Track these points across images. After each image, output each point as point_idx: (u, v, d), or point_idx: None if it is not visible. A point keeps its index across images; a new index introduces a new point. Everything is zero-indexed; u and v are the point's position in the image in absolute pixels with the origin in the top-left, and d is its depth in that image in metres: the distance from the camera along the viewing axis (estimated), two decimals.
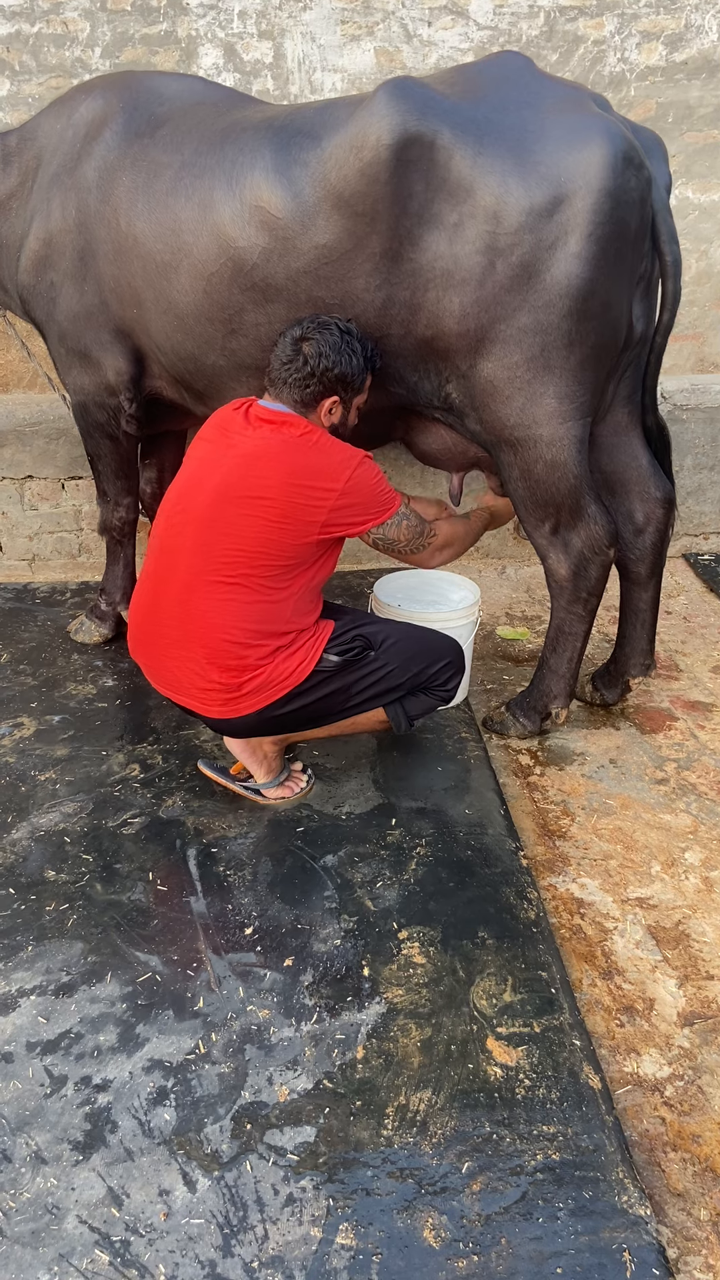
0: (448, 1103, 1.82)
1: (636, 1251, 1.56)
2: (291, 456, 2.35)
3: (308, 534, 2.38)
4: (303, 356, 2.40)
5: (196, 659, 2.44)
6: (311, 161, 2.49)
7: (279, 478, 2.33)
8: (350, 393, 2.49)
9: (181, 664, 2.48)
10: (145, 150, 2.79)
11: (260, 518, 2.34)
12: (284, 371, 2.43)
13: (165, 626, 2.48)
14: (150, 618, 2.52)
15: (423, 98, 2.41)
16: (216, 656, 2.42)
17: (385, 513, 2.47)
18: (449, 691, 2.69)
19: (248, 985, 2.09)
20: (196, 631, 2.42)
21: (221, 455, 2.41)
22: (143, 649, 2.59)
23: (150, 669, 2.60)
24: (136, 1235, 1.60)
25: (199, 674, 2.46)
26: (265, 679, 2.43)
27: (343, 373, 2.42)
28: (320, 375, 2.40)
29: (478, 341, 2.55)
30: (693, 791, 2.79)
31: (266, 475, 2.34)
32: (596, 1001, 2.11)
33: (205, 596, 2.41)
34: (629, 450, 2.86)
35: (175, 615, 2.45)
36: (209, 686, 2.46)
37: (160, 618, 2.49)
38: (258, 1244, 1.58)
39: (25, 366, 4.33)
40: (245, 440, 2.39)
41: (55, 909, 2.31)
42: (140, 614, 2.57)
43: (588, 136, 2.36)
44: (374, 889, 2.37)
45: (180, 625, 2.45)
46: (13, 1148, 1.75)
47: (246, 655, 2.41)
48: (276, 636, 2.44)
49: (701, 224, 4.21)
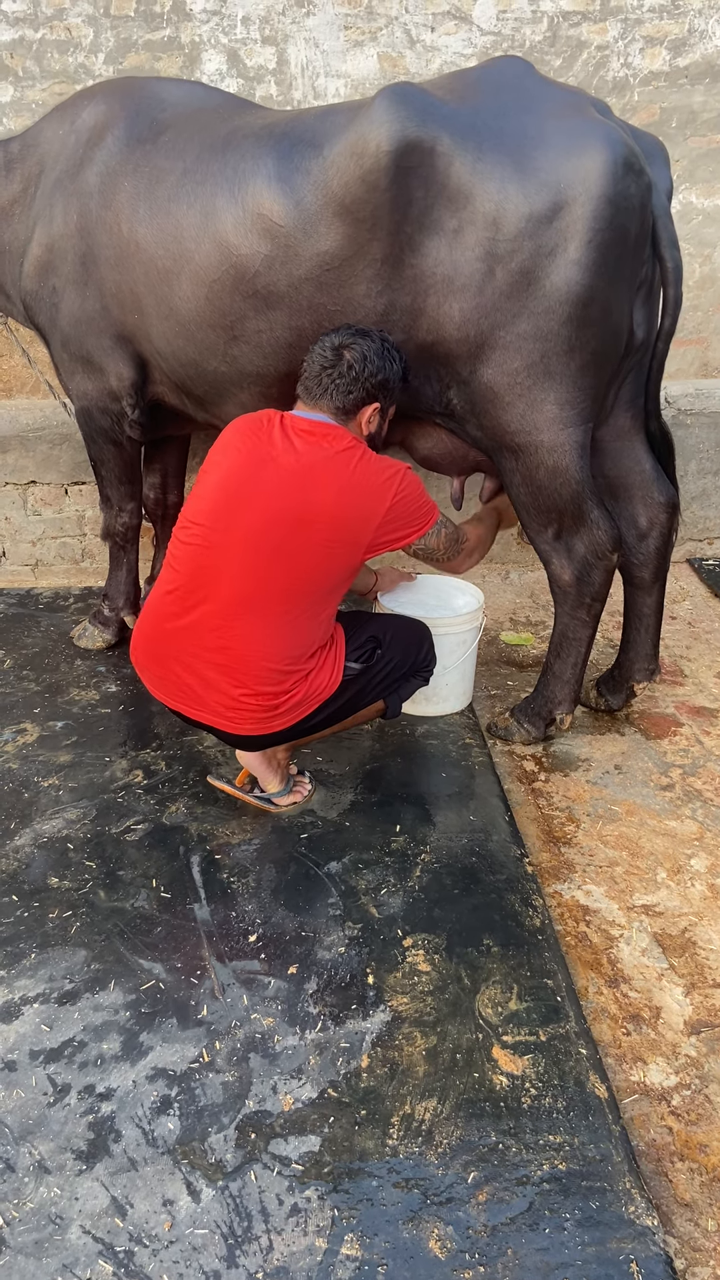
0: (453, 1112, 1.81)
1: (644, 1262, 1.55)
2: (340, 474, 2.31)
3: (354, 555, 2.37)
4: (345, 362, 2.37)
5: (233, 683, 2.39)
6: (312, 169, 2.49)
7: (329, 498, 2.29)
8: (389, 400, 2.48)
9: (211, 685, 2.42)
10: (147, 156, 2.79)
11: (315, 543, 2.30)
12: (325, 378, 2.39)
13: (196, 646, 2.39)
14: (174, 633, 2.42)
15: (422, 104, 2.41)
16: (258, 682, 2.38)
17: (427, 523, 2.47)
18: (429, 671, 2.78)
19: (252, 993, 2.08)
20: (240, 657, 2.36)
21: (262, 470, 2.32)
22: (154, 662, 2.50)
23: (160, 680, 2.51)
24: (140, 1245, 1.59)
25: (232, 696, 2.40)
26: (301, 696, 2.43)
27: (385, 379, 2.41)
28: (364, 381, 2.38)
29: (478, 347, 2.54)
30: (698, 797, 2.78)
31: (316, 496, 2.29)
32: (603, 1009, 2.10)
33: (255, 624, 2.34)
34: (632, 455, 2.85)
35: (214, 639, 2.37)
36: (243, 707, 2.41)
37: (191, 636, 2.39)
38: (262, 1255, 1.57)
39: (28, 372, 4.33)
40: (288, 455, 2.32)
41: (58, 916, 2.31)
42: (157, 626, 2.45)
43: (587, 142, 2.36)
44: (378, 896, 2.36)
45: (220, 649, 2.37)
46: (16, 1157, 1.74)
47: (286, 680, 2.41)
48: (311, 657, 2.45)
49: (705, 229, 4.21)
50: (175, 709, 2.55)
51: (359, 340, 2.39)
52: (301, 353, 2.67)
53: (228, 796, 2.73)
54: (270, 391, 2.80)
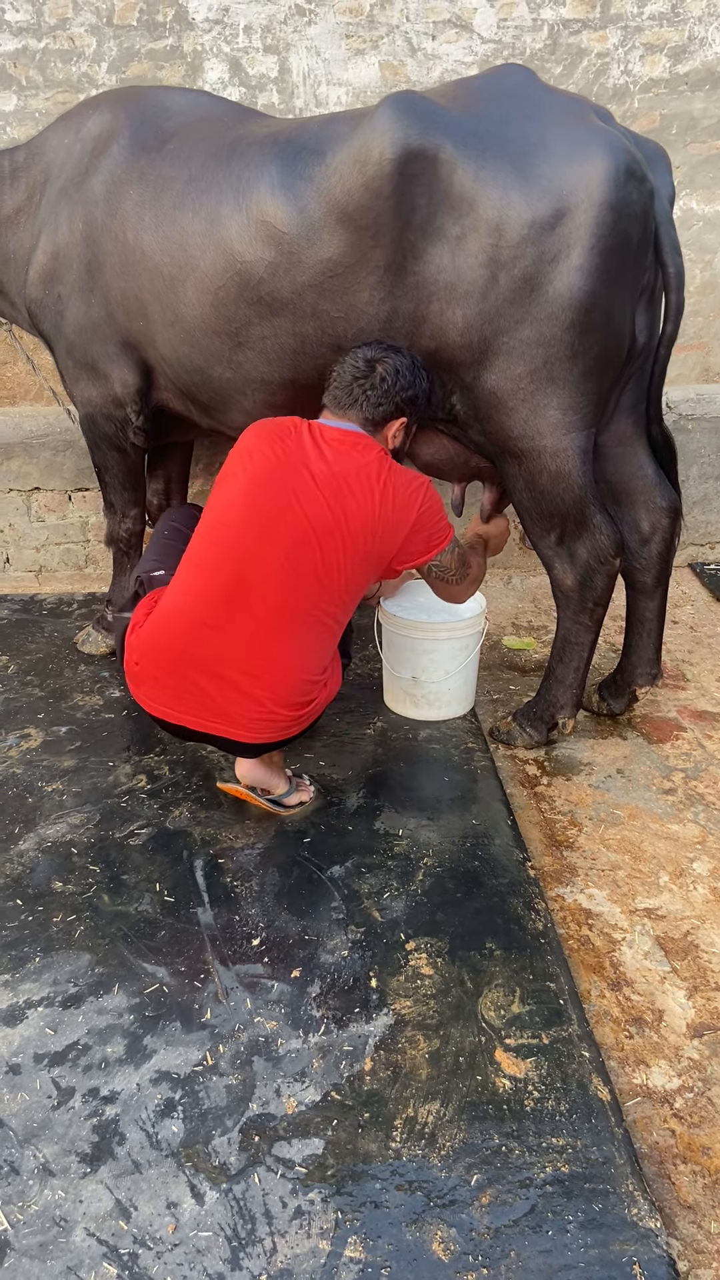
0: (456, 1115, 1.81)
1: (647, 1265, 1.55)
2: (373, 486, 2.31)
3: (380, 567, 2.40)
4: (378, 374, 2.39)
5: (270, 695, 2.36)
6: (316, 176, 2.51)
7: (362, 507, 2.30)
8: (414, 417, 2.51)
9: (241, 698, 2.37)
10: (152, 165, 2.81)
11: (349, 552, 2.31)
12: (356, 388, 2.40)
13: (231, 655, 2.33)
14: (203, 641, 2.33)
15: (425, 112, 2.43)
16: (293, 693, 2.39)
17: (445, 539, 2.49)
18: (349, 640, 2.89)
19: (255, 996, 2.09)
20: (282, 669, 2.35)
21: (295, 478, 2.29)
22: (164, 671, 2.39)
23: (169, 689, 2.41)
24: (145, 1248, 1.59)
25: (265, 708, 2.37)
26: (320, 702, 2.48)
27: (414, 394, 2.44)
28: (395, 394, 2.41)
29: (481, 354, 2.56)
30: (700, 801, 2.79)
31: (351, 506, 2.29)
32: (605, 1013, 2.10)
33: (295, 636, 2.33)
34: (634, 460, 2.86)
35: (256, 651, 2.33)
36: (274, 719, 2.40)
37: (226, 645, 2.33)
38: (266, 1257, 1.57)
39: (32, 379, 4.35)
40: (320, 463, 2.31)
41: (62, 920, 2.31)
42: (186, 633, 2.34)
43: (589, 149, 2.37)
44: (381, 900, 2.36)
45: (262, 661, 2.33)
46: (20, 1160, 1.75)
47: (313, 689, 2.44)
48: (328, 667, 2.48)
49: (706, 235, 4.22)
50: (178, 722, 2.44)
51: (391, 355, 2.43)
52: (305, 359, 2.69)
53: (231, 801, 2.73)
54: (275, 398, 2.81)
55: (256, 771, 2.63)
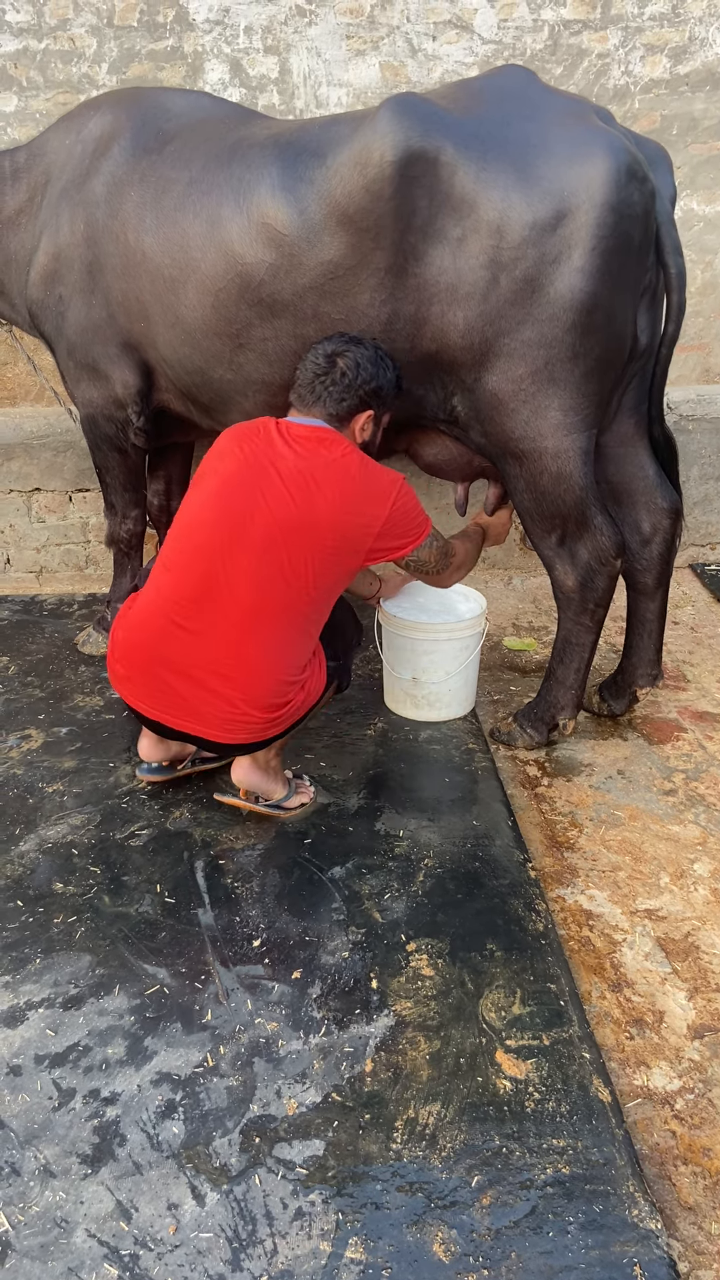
0: (457, 1116, 1.81)
1: (647, 1266, 1.55)
2: (340, 480, 2.31)
3: (354, 562, 2.39)
4: (339, 369, 2.38)
5: (241, 696, 2.38)
6: (316, 178, 2.51)
7: (330, 503, 2.29)
8: (383, 408, 2.49)
9: (213, 698, 2.38)
10: (153, 166, 2.81)
11: (321, 550, 2.31)
12: (318, 385, 2.40)
13: (202, 657, 2.36)
14: (176, 642, 2.37)
15: (426, 113, 2.43)
16: (266, 695, 2.39)
17: (421, 534, 2.47)
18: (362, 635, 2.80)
19: (256, 998, 2.09)
20: (252, 670, 2.36)
21: (263, 477, 2.31)
22: (139, 671, 2.43)
23: (144, 689, 2.45)
24: (145, 1249, 1.59)
25: (236, 709, 2.39)
26: (298, 706, 2.47)
27: (378, 386, 2.43)
28: (357, 388, 2.39)
29: (482, 355, 2.56)
30: (701, 802, 2.79)
31: (318, 501, 2.29)
32: (606, 1014, 2.10)
33: (268, 636, 2.34)
34: (635, 461, 2.86)
35: (227, 651, 2.34)
36: (247, 720, 2.41)
37: (198, 647, 2.35)
38: (267, 1258, 1.57)
39: (32, 380, 4.35)
40: (287, 461, 2.31)
41: (63, 921, 2.32)
42: (158, 634, 2.39)
43: (590, 150, 2.37)
44: (381, 901, 2.36)
45: (231, 663, 2.35)
46: (21, 1161, 1.75)
47: (289, 691, 2.43)
48: (307, 667, 2.47)
49: (706, 235, 4.22)
50: (155, 719, 2.48)
51: (352, 348, 2.41)
52: None
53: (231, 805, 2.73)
54: (275, 399, 2.81)
55: (252, 776, 2.62)
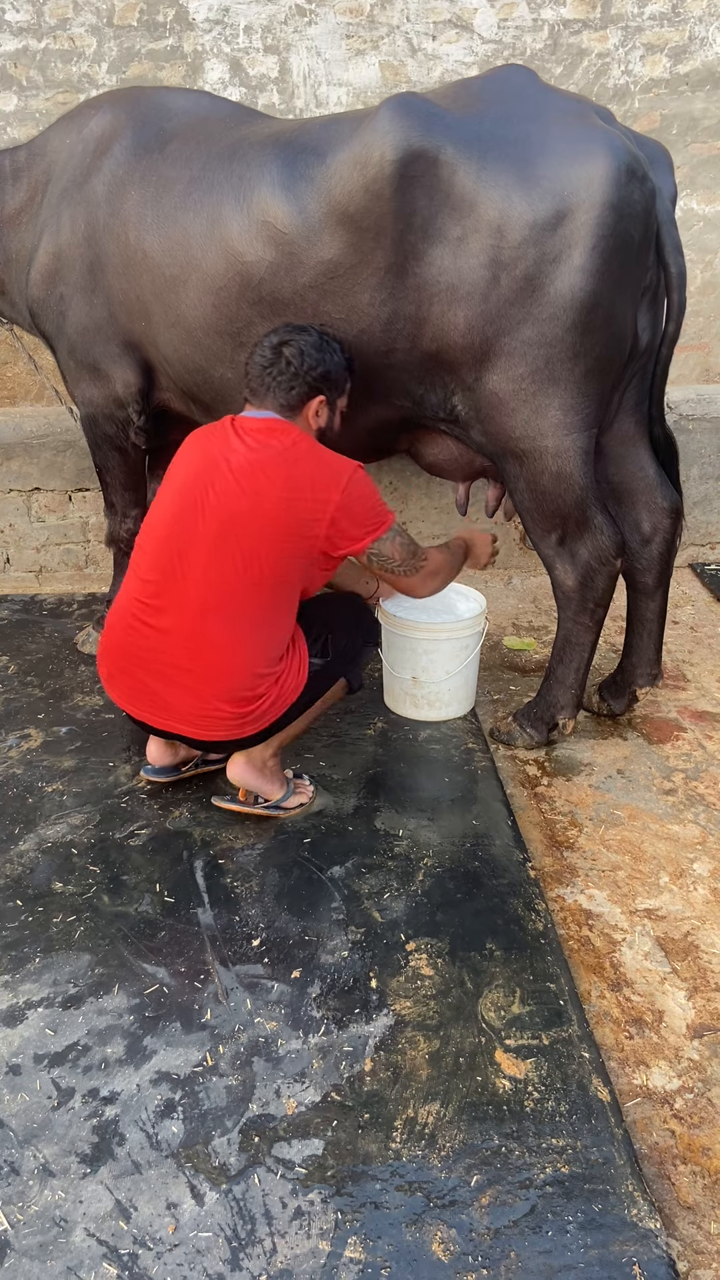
0: (456, 1115, 1.81)
1: (646, 1265, 1.55)
2: (288, 467, 2.33)
3: (311, 550, 2.37)
4: (284, 359, 2.41)
5: (209, 691, 2.41)
6: (317, 177, 2.51)
7: (278, 490, 2.31)
8: (334, 393, 2.50)
9: (183, 695, 2.43)
10: (154, 165, 2.81)
11: (270, 539, 2.32)
12: (266, 376, 2.43)
13: (167, 654, 2.41)
14: (143, 642, 2.43)
15: (426, 113, 2.43)
16: (232, 690, 2.40)
17: (381, 526, 2.44)
18: (377, 638, 2.85)
19: (255, 997, 2.09)
20: (212, 665, 2.38)
21: (214, 472, 2.36)
22: (120, 672, 2.50)
23: (127, 690, 2.51)
24: (144, 1248, 1.59)
25: (206, 704, 2.42)
26: (272, 701, 2.46)
27: (326, 371, 2.44)
28: (305, 375, 2.41)
29: (483, 354, 2.56)
30: (701, 802, 2.79)
31: (265, 489, 2.31)
32: (605, 1013, 2.10)
33: (224, 630, 2.36)
34: (636, 460, 2.86)
35: (187, 646, 2.39)
36: (218, 715, 2.43)
37: (162, 645, 2.41)
38: (266, 1258, 1.57)
39: (33, 379, 4.35)
40: (237, 454, 2.35)
41: (62, 921, 2.32)
42: (125, 636, 2.46)
43: (590, 150, 2.37)
44: (381, 900, 2.36)
45: (191, 657, 2.39)
46: (20, 1160, 1.75)
47: (259, 685, 2.42)
48: (279, 659, 2.46)
49: (706, 235, 4.22)
50: (141, 719, 2.54)
51: (296, 336, 2.43)
52: None
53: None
54: None
55: (246, 775, 2.62)
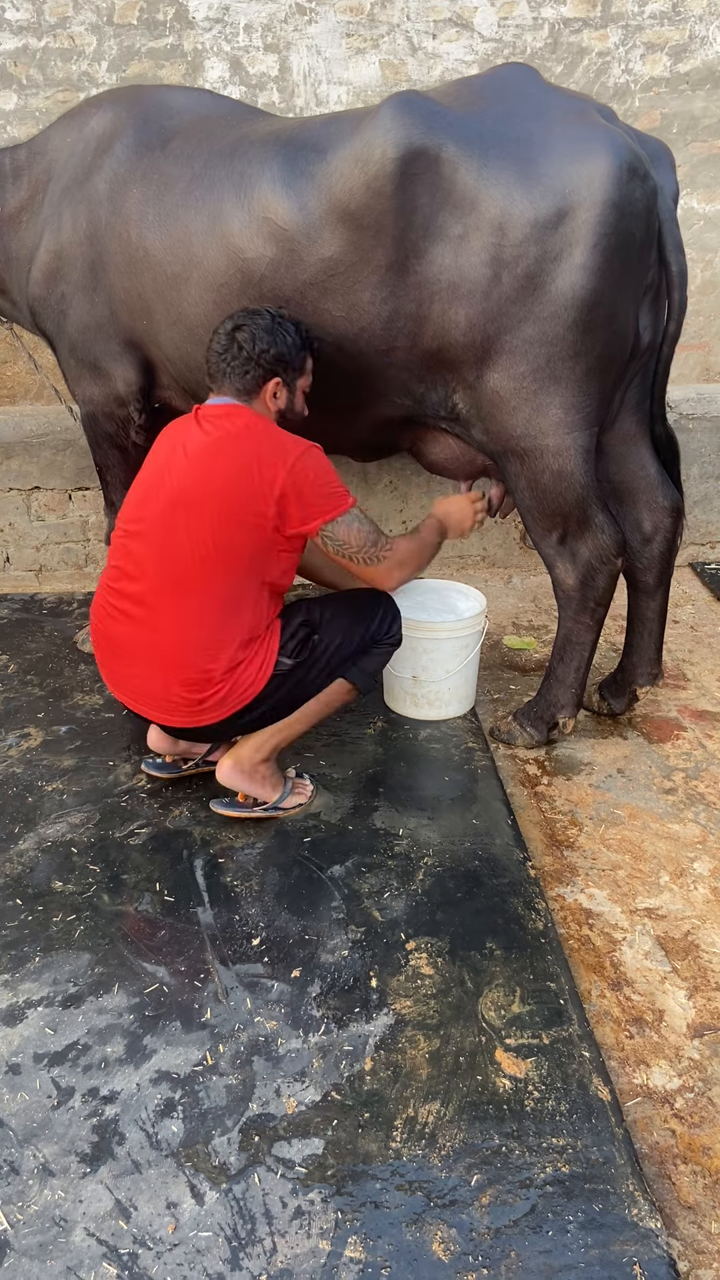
0: (456, 1115, 1.81)
1: (647, 1265, 1.55)
2: (235, 446, 2.36)
3: (260, 528, 2.36)
4: (237, 344, 2.43)
5: (163, 674, 2.44)
6: (318, 175, 2.51)
7: (224, 469, 2.34)
8: (291, 373, 2.50)
9: (147, 677, 2.48)
10: (156, 164, 2.80)
11: (211, 515, 2.34)
12: (221, 363, 2.46)
13: (134, 638, 2.46)
14: (116, 626, 2.50)
15: (427, 111, 2.42)
16: (179, 670, 2.42)
17: (336, 509, 2.42)
18: (396, 637, 2.69)
19: (255, 996, 2.09)
20: (164, 647, 2.42)
21: (173, 457, 2.43)
22: (106, 659, 2.58)
23: (112, 678, 2.59)
24: (144, 1248, 1.59)
25: (164, 687, 2.46)
26: (227, 693, 2.45)
27: (279, 353, 2.44)
28: (257, 359, 2.43)
29: (484, 353, 2.55)
30: (701, 801, 2.78)
31: (213, 469, 2.35)
32: (605, 1013, 2.10)
33: (170, 609, 2.40)
34: (637, 459, 2.86)
35: (143, 630, 2.44)
36: (173, 699, 2.46)
37: (130, 628, 2.46)
38: (266, 1257, 1.57)
39: (32, 378, 4.35)
40: (193, 439, 2.41)
41: (62, 920, 2.31)
42: (102, 623, 2.54)
43: (592, 148, 2.37)
44: (381, 899, 2.36)
45: (149, 639, 2.44)
46: (20, 1160, 1.74)
47: (210, 669, 2.42)
48: (236, 648, 2.43)
49: (706, 234, 4.22)
50: (125, 704, 2.62)
51: (249, 320, 2.45)
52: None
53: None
54: None
55: (233, 777, 2.62)
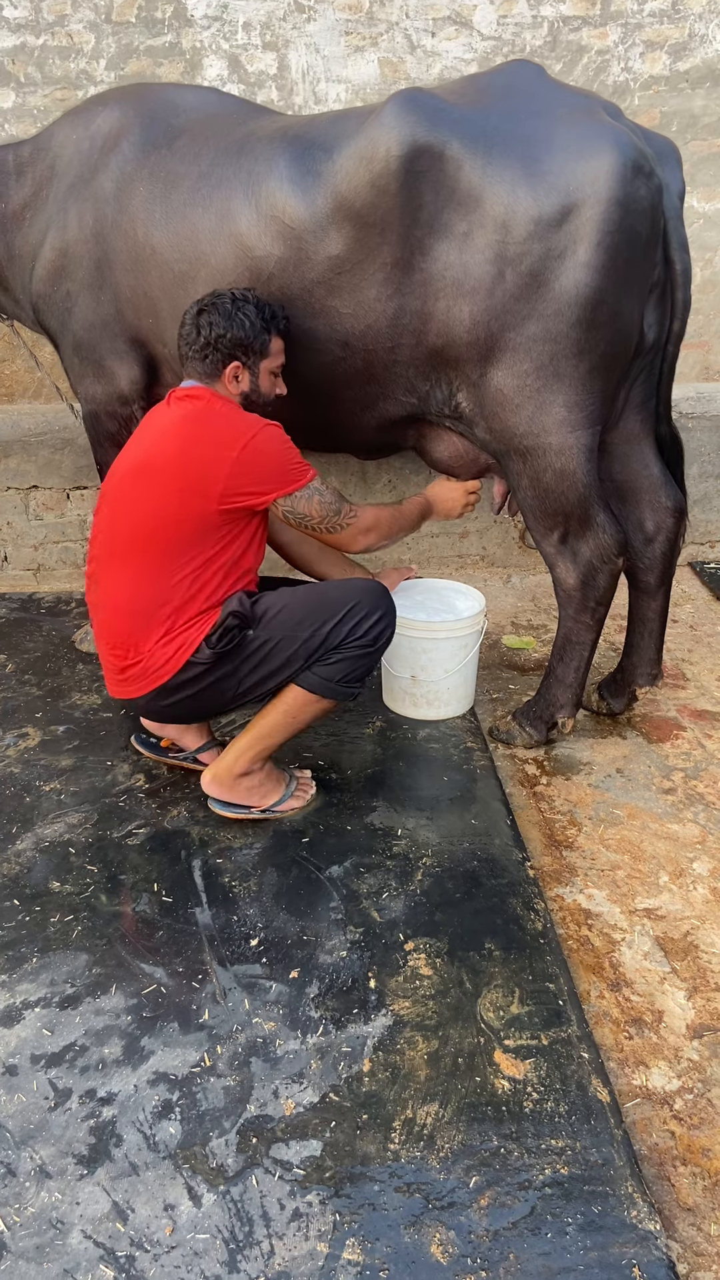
0: (455, 1116, 1.80)
1: (646, 1267, 1.54)
2: (190, 425, 2.41)
3: (206, 503, 2.36)
4: (198, 329, 2.47)
5: (102, 638, 2.56)
6: (324, 172, 2.51)
7: (176, 446, 2.39)
8: (252, 356, 2.51)
9: (96, 639, 2.60)
10: (162, 161, 2.80)
11: (156, 487, 2.39)
12: (186, 348, 2.51)
13: (89, 601, 2.61)
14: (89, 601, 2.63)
15: (432, 108, 2.42)
16: (111, 635, 2.51)
17: (293, 484, 2.41)
18: (370, 641, 2.44)
19: (253, 997, 2.08)
20: (102, 608, 2.54)
21: (142, 436, 2.52)
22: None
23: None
24: (141, 1250, 1.58)
25: (105, 651, 2.57)
26: (144, 667, 2.48)
27: (236, 337, 2.46)
28: (215, 343, 2.46)
29: (487, 350, 2.55)
30: (700, 801, 2.78)
31: (168, 445, 2.41)
32: (605, 1013, 2.09)
33: (108, 575, 2.49)
34: (640, 459, 2.85)
35: (90, 592, 2.58)
36: (108, 664, 2.57)
37: (89, 594, 2.61)
38: (263, 1259, 1.56)
39: (31, 376, 4.34)
40: (160, 420, 2.49)
41: (60, 920, 2.31)
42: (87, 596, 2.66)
43: (597, 145, 2.36)
44: (380, 900, 2.35)
45: (93, 599, 2.57)
46: (16, 1162, 1.74)
47: (138, 640, 2.46)
48: (161, 621, 2.43)
49: (706, 232, 4.21)
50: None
51: (209, 305, 2.49)
52: (314, 355, 2.69)
53: None
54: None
55: (213, 789, 2.61)
